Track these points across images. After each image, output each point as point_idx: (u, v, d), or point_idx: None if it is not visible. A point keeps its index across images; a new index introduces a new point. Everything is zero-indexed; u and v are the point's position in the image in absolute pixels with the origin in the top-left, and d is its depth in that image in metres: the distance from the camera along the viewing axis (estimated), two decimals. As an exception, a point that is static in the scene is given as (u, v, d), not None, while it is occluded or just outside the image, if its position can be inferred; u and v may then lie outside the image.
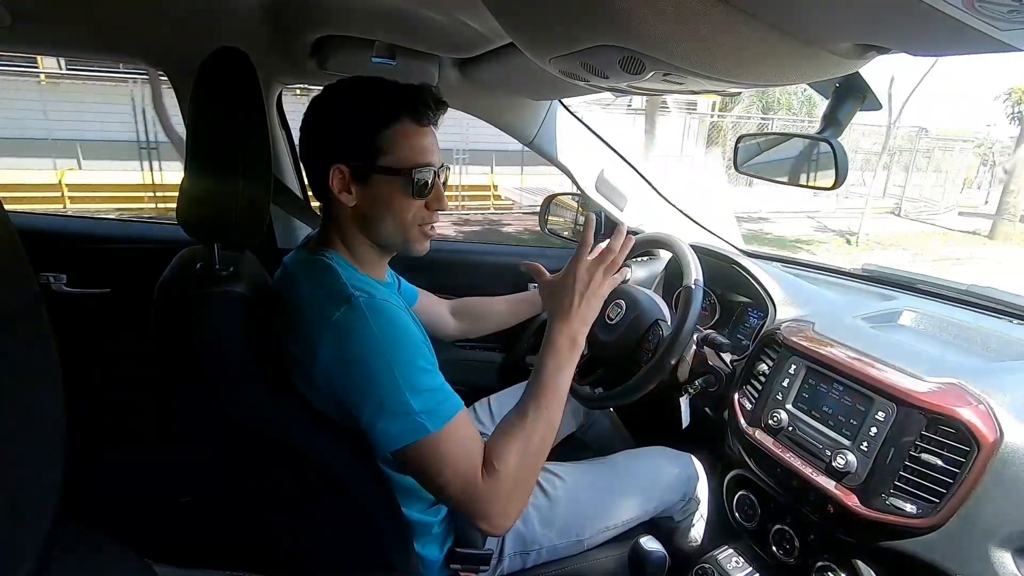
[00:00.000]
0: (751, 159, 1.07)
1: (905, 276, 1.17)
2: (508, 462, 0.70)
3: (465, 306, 1.22)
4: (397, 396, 0.67)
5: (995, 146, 16.47)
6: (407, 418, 0.67)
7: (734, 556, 1.02)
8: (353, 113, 0.75)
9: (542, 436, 0.74)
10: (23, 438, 0.24)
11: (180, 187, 0.72)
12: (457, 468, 0.68)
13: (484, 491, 0.68)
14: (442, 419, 0.68)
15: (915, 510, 0.71)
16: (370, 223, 0.79)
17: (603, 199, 1.47)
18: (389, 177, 0.76)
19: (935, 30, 0.42)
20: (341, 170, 0.75)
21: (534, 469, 0.74)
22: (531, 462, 0.73)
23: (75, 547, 0.30)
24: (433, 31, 1.00)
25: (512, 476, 0.70)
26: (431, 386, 0.70)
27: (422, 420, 0.67)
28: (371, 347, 0.68)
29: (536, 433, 0.73)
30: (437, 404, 0.69)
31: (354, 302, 0.69)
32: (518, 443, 0.72)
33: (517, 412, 0.75)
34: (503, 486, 0.69)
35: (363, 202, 0.77)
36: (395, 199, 0.77)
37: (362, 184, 0.76)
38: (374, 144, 0.75)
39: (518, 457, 0.71)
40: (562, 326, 0.79)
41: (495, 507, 0.69)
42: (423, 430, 0.67)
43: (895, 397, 0.77)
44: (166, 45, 1.17)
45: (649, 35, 0.53)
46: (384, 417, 0.67)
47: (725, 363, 1.09)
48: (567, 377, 0.77)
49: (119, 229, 1.57)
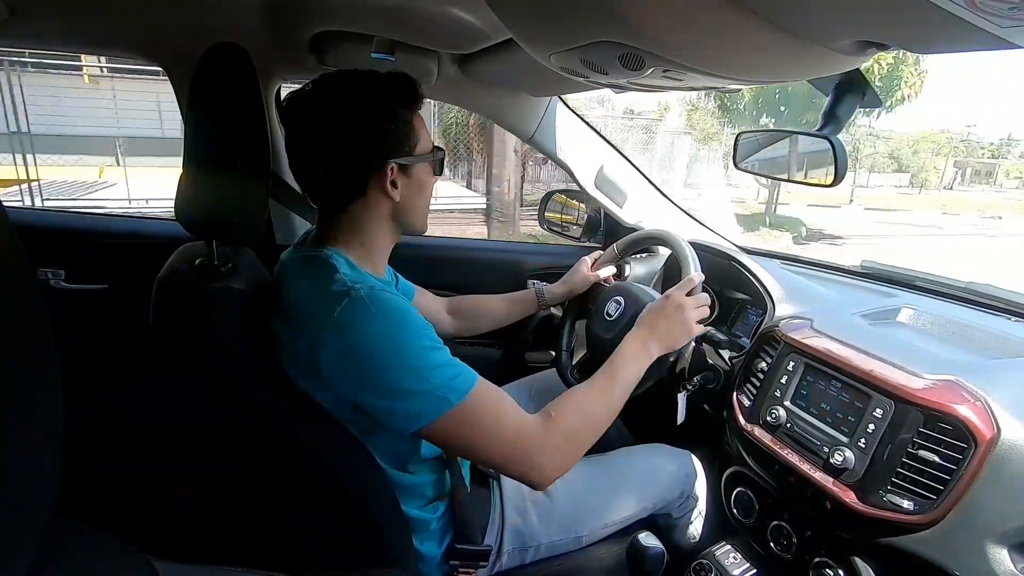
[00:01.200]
0: (750, 156, 1.07)
1: (904, 273, 1.18)
2: (566, 416, 0.75)
3: (461, 304, 1.21)
4: (412, 377, 0.68)
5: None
6: (427, 395, 0.68)
7: (732, 552, 1.02)
8: (390, 109, 0.76)
9: (604, 406, 0.80)
10: (21, 435, 0.24)
11: (178, 183, 0.72)
12: (497, 426, 0.71)
13: (537, 436, 0.72)
14: (462, 390, 0.69)
15: (912, 506, 0.72)
16: (408, 212, 0.82)
17: (602, 195, 1.46)
18: (424, 164, 0.81)
19: (936, 27, 0.41)
20: (393, 167, 0.77)
21: (588, 434, 0.78)
22: (588, 424, 0.77)
23: (74, 543, 0.30)
24: (433, 27, 1.00)
25: (566, 430, 0.74)
26: (443, 361, 0.71)
27: (443, 393, 0.68)
28: (377, 336, 0.68)
29: (597, 402, 0.80)
30: (453, 377, 0.70)
31: (354, 294, 0.69)
32: (579, 406, 0.78)
33: (588, 382, 0.82)
34: (556, 436, 0.73)
35: (406, 193, 0.80)
36: (426, 183, 0.83)
37: (406, 176, 0.79)
38: (411, 135, 0.78)
39: (576, 416, 0.76)
40: (644, 333, 0.89)
41: (545, 454, 0.72)
42: (446, 403, 0.68)
43: (893, 394, 0.77)
44: (164, 40, 1.16)
45: (649, 31, 0.53)
46: (403, 399, 0.68)
47: (724, 360, 1.09)
48: (633, 373, 0.85)
49: (117, 225, 1.57)
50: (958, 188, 23.91)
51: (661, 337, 0.89)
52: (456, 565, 0.86)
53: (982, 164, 26.39)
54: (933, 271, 1.15)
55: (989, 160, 26.84)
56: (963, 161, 25.64)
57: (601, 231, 1.56)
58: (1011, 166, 27.31)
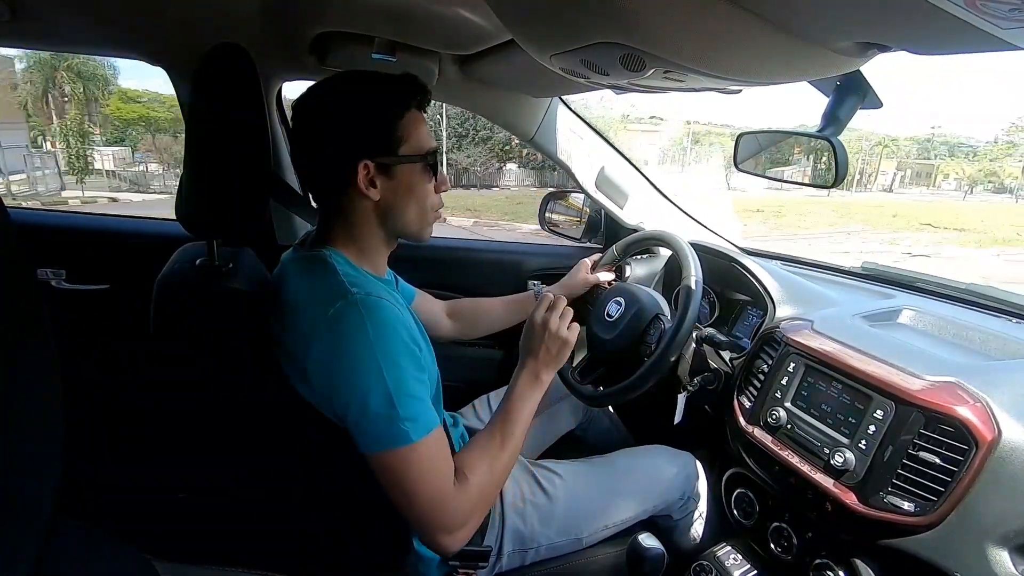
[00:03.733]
0: (750, 157, 1.07)
1: (905, 275, 1.18)
2: (478, 474, 0.75)
3: (461, 307, 1.21)
4: (383, 399, 0.67)
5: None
6: (391, 423, 0.67)
7: (732, 554, 1.02)
8: (371, 107, 0.76)
9: (509, 456, 0.79)
10: (22, 434, 0.24)
11: (179, 183, 0.72)
12: (431, 480, 0.69)
13: (453, 501, 0.71)
14: (424, 429, 0.69)
15: (913, 508, 0.72)
16: (394, 214, 0.80)
17: (603, 196, 1.47)
18: (411, 165, 0.78)
19: (937, 28, 0.42)
20: (367, 165, 0.75)
21: (495, 487, 0.79)
22: (496, 479, 0.78)
23: (74, 543, 0.30)
24: (434, 27, 1.00)
25: (479, 489, 0.74)
26: (417, 394, 0.70)
27: (405, 428, 0.67)
28: (364, 345, 0.67)
29: (504, 453, 0.79)
30: (419, 413, 0.69)
31: (351, 299, 0.69)
32: (487, 460, 0.77)
33: (487, 432, 0.81)
34: (470, 498, 0.73)
35: (388, 194, 0.78)
36: (416, 186, 0.79)
37: (387, 176, 0.77)
38: (395, 135, 0.76)
39: (487, 473, 0.76)
40: (529, 363, 0.87)
41: (459, 518, 0.72)
42: (405, 438, 0.67)
43: (893, 395, 0.77)
44: (165, 41, 1.16)
45: (650, 32, 0.53)
46: (368, 418, 0.67)
47: (724, 361, 1.09)
48: (530, 409, 0.84)
49: (119, 225, 1.57)
50: (898, 190, 23.99)
51: (544, 361, 0.87)
52: (456, 566, 0.86)
53: (921, 165, 26.58)
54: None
55: (925, 161, 27.16)
56: (904, 163, 25.99)
57: (602, 232, 1.57)
58: (948, 168, 27.71)
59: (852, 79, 0.77)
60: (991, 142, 31.76)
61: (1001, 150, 29.90)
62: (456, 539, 0.73)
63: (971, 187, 27.51)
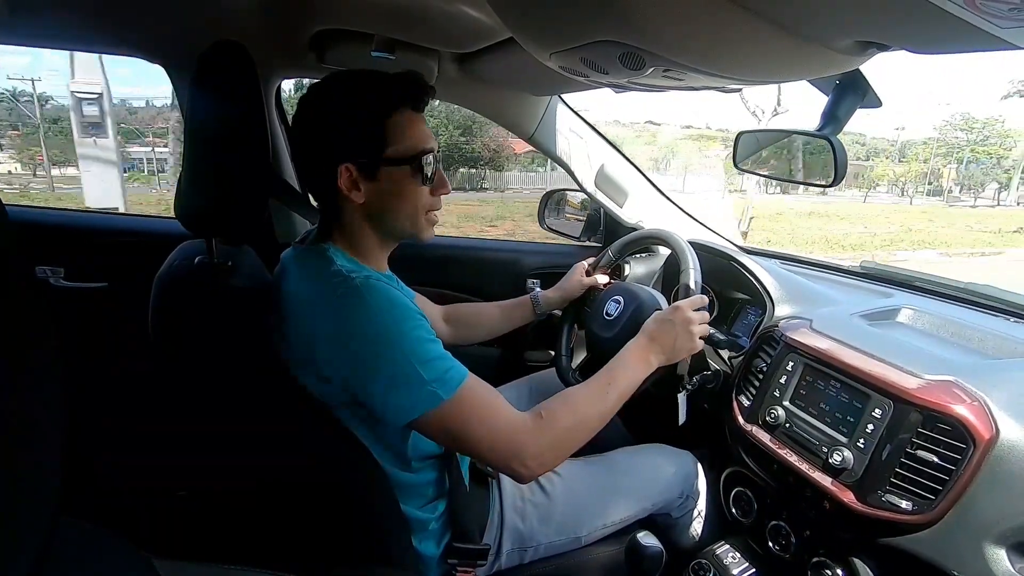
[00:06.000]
0: (750, 155, 1.07)
1: (903, 274, 1.18)
2: (557, 416, 0.75)
3: (458, 313, 1.21)
4: (405, 369, 0.68)
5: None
6: (420, 388, 0.68)
7: (731, 552, 1.02)
8: (354, 108, 0.74)
9: (595, 410, 0.79)
10: (22, 433, 0.24)
11: (178, 181, 0.72)
12: (486, 421, 0.71)
13: (525, 433, 0.73)
14: (453, 385, 0.70)
15: (911, 507, 0.72)
16: (381, 217, 0.79)
17: (603, 195, 1.46)
18: (398, 168, 0.76)
19: (936, 28, 0.42)
20: (349, 168, 0.74)
21: (578, 435, 0.78)
22: (578, 426, 0.78)
23: (74, 540, 0.30)
24: (433, 25, 1.00)
25: (556, 430, 0.75)
26: (437, 354, 0.71)
27: (434, 388, 0.68)
28: (373, 324, 0.68)
29: (590, 405, 0.79)
30: (445, 371, 0.70)
31: (351, 283, 0.70)
32: (572, 407, 0.78)
33: (584, 384, 0.82)
34: (545, 435, 0.74)
35: (373, 197, 0.76)
36: (405, 189, 0.78)
37: (370, 179, 0.76)
38: (380, 136, 0.75)
39: (568, 417, 0.76)
40: (647, 343, 0.88)
41: (532, 448, 0.73)
42: (436, 398, 0.68)
43: (892, 394, 0.77)
44: (164, 38, 1.16)
45: (649, 31, 0.53)
46: (396, 391, 0.68)
47: (723, 360, 1.09)
48: (628, 381, 0.84)
49: (117, 223, 1.57)
50: (832, 193, 23.60)
51: (664, 349, 0.88)
52: (455, 564, 0.86)
53: (855, 166, 26.34)
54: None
55: (859, 162, 26.85)
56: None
57: (601, 230, 1.57)
58: (880, 171, 27.46)
59: (851, 78, 0.77)
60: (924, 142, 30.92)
61: (931, 150, 29.13)
62: (531, 467, 0.74)
63: (902, 189, 27.01)
